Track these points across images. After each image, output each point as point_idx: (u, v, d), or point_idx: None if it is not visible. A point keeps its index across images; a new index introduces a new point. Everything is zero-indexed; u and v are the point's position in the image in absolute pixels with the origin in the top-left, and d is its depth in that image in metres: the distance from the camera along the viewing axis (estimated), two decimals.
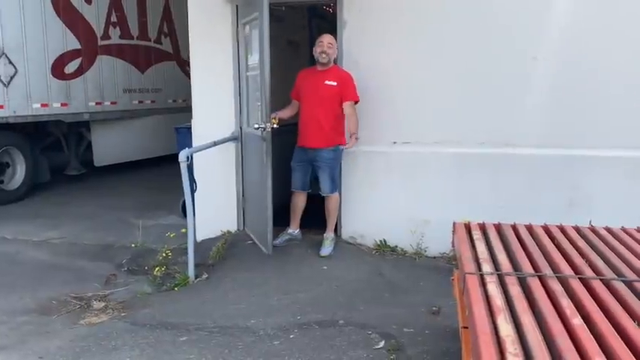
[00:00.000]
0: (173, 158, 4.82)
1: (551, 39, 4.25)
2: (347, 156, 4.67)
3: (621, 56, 4.17)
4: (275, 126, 4.29)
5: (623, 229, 2.59)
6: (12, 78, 6.74)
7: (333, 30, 4.79)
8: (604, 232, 2.54)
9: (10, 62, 6.69)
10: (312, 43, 4.71)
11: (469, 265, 2.04)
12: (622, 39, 4.17)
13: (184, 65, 9.67)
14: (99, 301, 3.95)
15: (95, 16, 7.99)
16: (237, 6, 4.86)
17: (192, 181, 4.28)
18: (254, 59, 4.58)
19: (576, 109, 4.27)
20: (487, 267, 2.04)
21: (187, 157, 4.15)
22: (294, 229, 4.73)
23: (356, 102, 4.43)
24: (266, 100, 4.22)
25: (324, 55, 4.38)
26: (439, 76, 4.53)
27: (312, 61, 4.66)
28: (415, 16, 4.53)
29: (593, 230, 2.58)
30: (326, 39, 4.41)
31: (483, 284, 1.87)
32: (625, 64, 4.17)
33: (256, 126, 4.32)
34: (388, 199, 4.71)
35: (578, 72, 4.24)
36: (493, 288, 1.82)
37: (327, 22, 6.77)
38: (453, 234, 2.65)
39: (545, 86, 4.32)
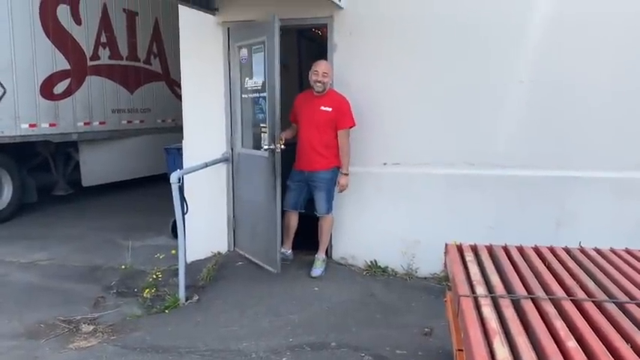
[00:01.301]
0: (162, 178, 4.79)
1: (537, 63, 4.35)
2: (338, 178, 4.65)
3: (601, 79, 4.26)
4: (282, 147, 4.34)
5: (612, 250, 2.64)
6: (0, 98, 6.70)
7: (322, 52, 4.85)
8: (593, 253, 2.58)
9: None
10: (301, 66, 4.76)
11: (463, 288, 2.06)
12: (603, 62, 4.26)
13: (174, 85, 9.70)
14: (88, 324, 3.90)
15: (85, 36, 8.01)
16: (228, 29, 4.93)
17: (183, 202, 4.26)
18: (254, 82, 4.66)
19: (563, 130, 4.34)
20: (481, 289, 2.06)
21: (178, 179, 4.14)
22: (286, 249, 4.72)
23: (351, 127, 4.48)
24: (276, 122, 4.30)
25: (319, 84, 4.43)
26: (427, 98, 4.60)
27: (302, 84, 4.70)
28: (403, 41, 4.60)
29: (583, 251, 2.62)
30: (321, 68, 4.43)
31: (477, 307, 1.89)
32: (606, 89, 4.26)
33: (265, 147, 4.39)
34: (379, 219, 4.73)
35: (563, 95, 4.33)
36: (488, 311, 1.84)
37: (317, 44, 6.86)
38: (445, 255, 2.67)
39: (532, 108, 4.39)
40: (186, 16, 4.98)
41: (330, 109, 4.41)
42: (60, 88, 7.58)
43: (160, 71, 9.81)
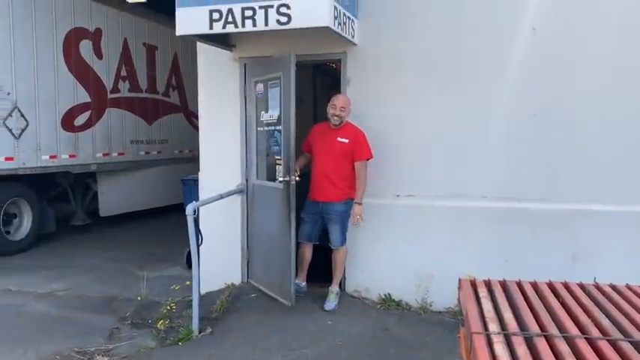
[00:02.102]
0: (178, 208, 4.81)
1: (552, 97, 4.36)
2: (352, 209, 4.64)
3: (615, 112, 4.25)
4: (297, 179, 4.37)
5: (628, 287, 2.57)
6: (23, 131, 6.89)
7: (336, 85, 4.93)
8: (608, 290, 2.52)
9: (22, 115, 6.86)
10: (316, 98, 4.82)
11: (476, 325, 2.04)
12: (619, 96, 4.26)
13: (191, 117, 9.88)
14: (102, 355, 3.91)
15: (106, 70, 8.24)
16: (245, 64, 5.04)
17: (197, 233, 4.30)
18: (269, 115, 4.73)
19: (577, 163, 4.32)
20: (494, 326, 2.03)
21: (194, 211, 4.19)
22: (300, 281, 4.70)
23: (369, 159, 4.51)
24: (291, 155, 4.35)
25: (336, 118, 4.48)
26: (440, 130, 4.62)
27: (316, 116, 4.75)
28: (416, 74, 4.66)
29: (598, 287, 2.56)
30: (339, 102, 4.49)
31: (490, 344, 1.87)
32: (618, 123, 4.24)
33: (280, 179, 4.42)
34: (392, 252, 4.70)
35: (578, 128, 4.32)
36: (500, 348, 1.81)
37: (330, 77, 6.98)
38: (459, 290, 2.64)
39: (546, 141, 4.39)
40: (204, 51, 5.10)
41: (347, 141, 4.45)
42: (80, 120, 7.78)
43: (178, 103, 10.03)
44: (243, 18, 4.00)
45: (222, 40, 4.85)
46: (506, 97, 4.44)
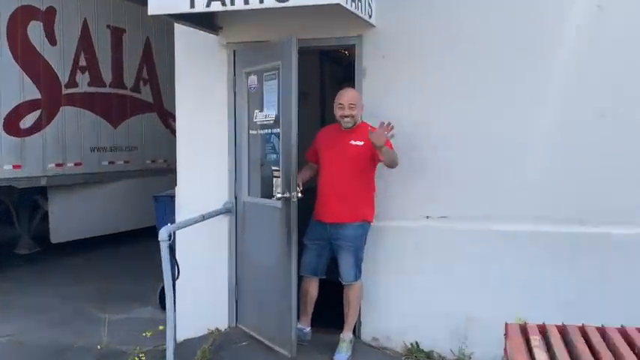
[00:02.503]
0: (150, 232, 4.75)
1: (623, 92, 4.36)
2: (370, 236, 4.67)
3: None
4: (300, 195, 4.38)
5: None
6: None
7: (349, 77, 4.94)
8: None
9: None
10: (324, 93, 4.85)
11: None
12: None
13: (167, 117, 9.98)
14: None
15: (60, 59, 8.27)
16: (234, 51, 5.05)
17: (173, 264, 4.30)
18: (265, 115, 4.77)
19: None
20: None
21: (169, 236, 4.19)
22: (304, 326, 4.70)
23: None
24: (291, 165, 4.34)
25: (347, 120, 4.49)
26: (482, 134, 4.61)
27: (324, 116, 4.77)
28: (449, 64, 4.64)
29: None
30: (346, 98, 4.48)
31: None
32: None
33: (278, 195, 4.43)
34: (420, 288, 4.69)
35: None
36: None
37: (342, 67, 7.00)
38: (505, 338, 2.64)
39: (619, 146, 4.35)
40: (184, 35, 5.13)
41: (361, 143, 4.46)
42: (28, 121, 7.80)
43: (150, 100, 10.09)
44: None
45: (205, 22, 4.87)
46: (564, 92, 4.44)
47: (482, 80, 4.59)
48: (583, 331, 2.60)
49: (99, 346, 5.04)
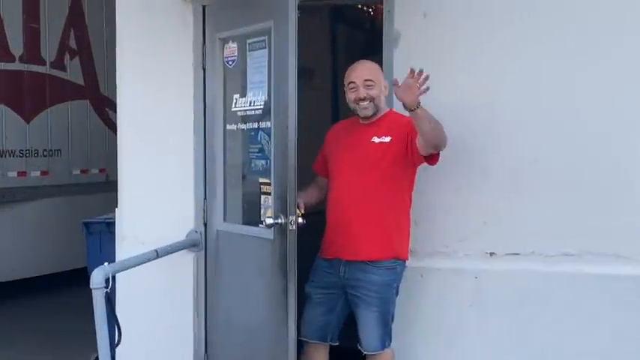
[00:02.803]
0: (78, 277, 4.67)
1: None
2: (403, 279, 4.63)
3: None
4: (301, 220, 4.29)
5: None
6: None
7: (372, 47, 5.04)
8: None
9: None
10: (337, 69, 4.83)
11: None
12: None
13: (105, 107, 9.95)
14: None
15: None
16: (204, 8, 5.04)
17: (113, 324, 4.23)
18: (248, 101, 4.76)
19: None
20: None
21: (106, 281, 4.09)
22: None
23: None
24: (289, 176, 4.27)
25: (364, 105, 4.46)
26: (574, 133, 4.62)
27: (337, 104, 4.75)
28: (530, 26, 4.67)
29: None
30: (359, 72, 4.50)
31: None
32: None
33: (268, 221, 4.34)
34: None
35: None
36: None
37: (364, 31, 7.00)
38: None
39: None
40: None
41: (388, 139, 4.44)
42: None
43: (80, 82, 10.09)
44: None
45: None
46: None
47: (575, 49, 4.62)
48: None
49: None
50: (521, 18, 4.68)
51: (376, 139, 4.46)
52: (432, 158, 4.35)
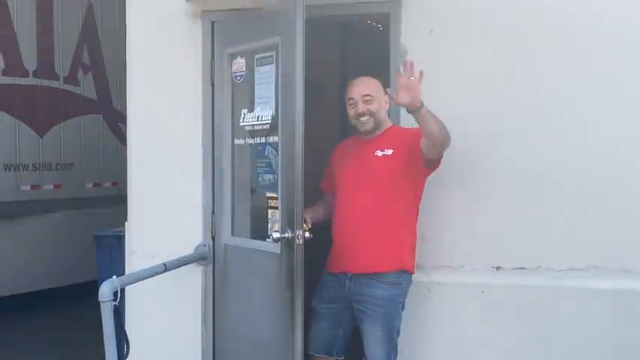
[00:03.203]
0: (89, 289, 4.83)
1: None
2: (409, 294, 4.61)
3: None
4: (308, 235, 4.30)
5: None
6: None
7: (381, 62, 4.96)
8: None
9: None
10: (346, 82, 4.83)
11: None
12: None
13: (118, 122, 9.95)
14: None
15: None
16: (212, 24, 5.06)
17: (121, 337, 4.24)
18: (256, 116, 4.79)
19: None
20: None
21: (115, 294, 4.12)
22: None
23: None
24: (296, 190, 4.25)
25: (364, 120, 4.50)
26: (584, 140, 4.63)
27: (346, 117, 4.75)
28: (539, 35, 4.69)
29: None
30: (358, 88, 4.52)
31: None
32: None
33: (275, 235, 4.35)
34: None
35: None
36: None
37: (373, 46, 6.92)
38: None
39: None
40: (139, 1, 5.21)
41: (390, 152, 4.47)
42: None
43: (93, 97, 10.12)
44: None
45: None
46: None
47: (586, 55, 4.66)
48: None
49: None
50: (526, 34, 4.70)
51: (379, 153, 4.48)
52: (434, 163, 4.38)
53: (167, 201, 5.17)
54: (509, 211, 4.72)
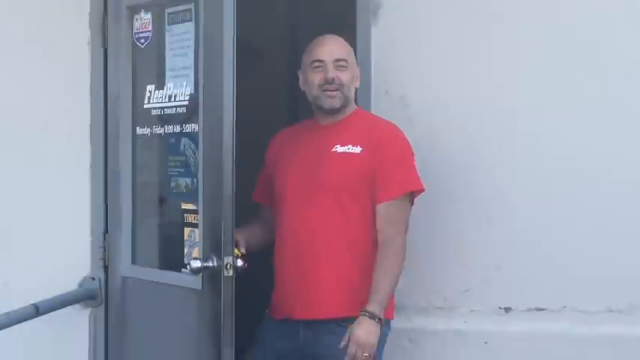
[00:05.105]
0: None
1: None
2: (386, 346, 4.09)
3: None
4: (241, 263, 3.80)
5: None
6: None
7: (345, 21, 4.70)
8: None
9: None
10: (298, 50, 4.52)
11: None
12: None
13: None
14: None
15: None
16: None
17: None
18: (168, 95, 4.20)
19: None
20: None
21: None
22: None
23: (416, 191, 4.00)
24: (225, 199, 3.75)
25: (331, 94, 3.92)
26: (615, 129, 4.21)
27: (298, 96, 4.61)
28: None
29: None
30: (330, 48, 4.03)
31: None
32: None
33: (196, 264, 3.81)
34: None
35: None
36: None
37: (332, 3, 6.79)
38: None
39: None
40: None
41: (358, 150, 3.94)
42: None
43: None
44: None
45: None
46: None
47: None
48: None
49: None
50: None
51: (339, 149, 3.94)
52: None
53: (39, 216, 4.48)
54: (523, 233, 4.28)
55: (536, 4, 4.34)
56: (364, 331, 3.72)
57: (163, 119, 4.19)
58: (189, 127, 4.00)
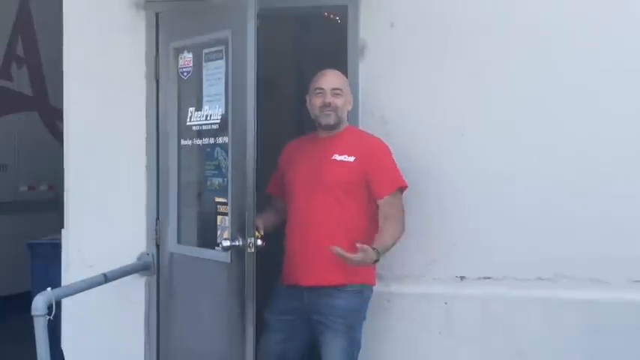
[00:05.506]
0: (21, 303, 4.84)
1: None
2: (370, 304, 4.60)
3: None
4: (260, 242, 4.29)
5: None
6: None
7: (339, 57, 4.95)
8: None
9: None
10: (303, 80, 4.95)
11: None
12: None
13: (55, 119, 9.76)
14: None
15: None
16: (157, 15, 5.04)
17: (55, 353, 4.31)
18: (204, 115, 4.74)
19: None
20: None
21: (49, 307, 4.03)
22: None
23: (402, 187, 4.52)
24: (247, 195, 4.25)
25: (328, 113, 4.49)
26: (549, 143, 4.68)
27: (302, 118, 4.85)
28: (504, 31, 4.72)
29: None
30: (329, 79, 4.55)
31: None
32: None
33: (226, 243, 4.32)
34: None
35: None
36: None
37: (330, 41, 6.92)
38: None
39: None
40: None
41: (352, 159, 4.47)
42: None
43: (28, 92, 10.00)
44: None
45: None
46: None
47: (553, 62, 4.69)
48: None
49: None
50: (491, 30, 4.74)
51: (337, 157, 4.48)
52: None
53: (107, 206, 5.11)
54: (473, 218, 4.76)
55: (482, 50, 4.77)
56: (366, 256, 4.14)
57: (201, 133, 4.76)
58: (221, 140, 4.56)
